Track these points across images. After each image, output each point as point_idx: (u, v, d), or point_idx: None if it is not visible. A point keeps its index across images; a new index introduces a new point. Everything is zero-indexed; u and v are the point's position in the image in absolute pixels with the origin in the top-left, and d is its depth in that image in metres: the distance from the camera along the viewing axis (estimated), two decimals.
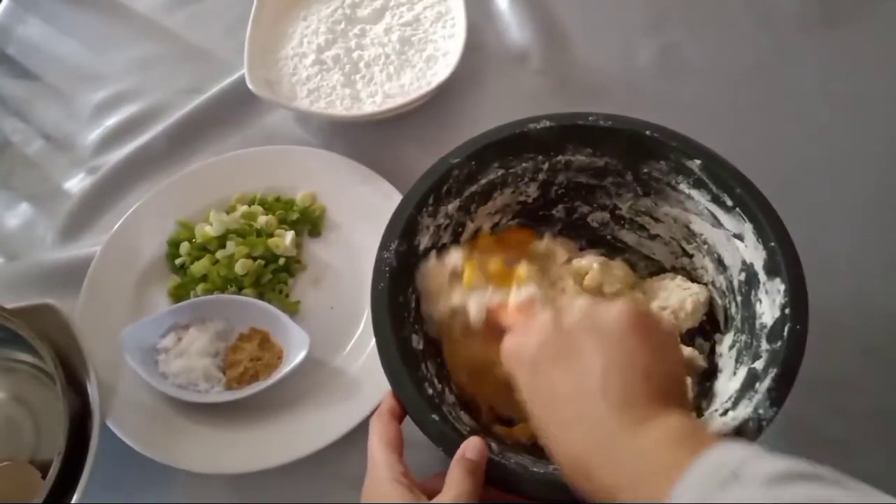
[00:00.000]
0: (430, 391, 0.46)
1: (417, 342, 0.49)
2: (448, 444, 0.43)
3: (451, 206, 0.53)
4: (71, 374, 0.55)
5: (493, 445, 0.44)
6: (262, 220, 0.65)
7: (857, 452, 0.54)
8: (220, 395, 0.58)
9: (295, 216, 0.66)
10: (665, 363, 0.38)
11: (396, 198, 0.64)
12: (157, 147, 0.75)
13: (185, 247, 0.65)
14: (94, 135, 0.78)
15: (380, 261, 0.49)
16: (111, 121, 0.78)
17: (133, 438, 0.56)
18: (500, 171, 0.54)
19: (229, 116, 0.76)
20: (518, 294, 0.49)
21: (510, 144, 0.53)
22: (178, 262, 0.65)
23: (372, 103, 0.70)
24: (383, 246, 0.50)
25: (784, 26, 0.77)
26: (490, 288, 0.51)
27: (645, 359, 0.37)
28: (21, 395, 0.60)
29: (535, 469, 0.43)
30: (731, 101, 0.73)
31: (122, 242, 0.66)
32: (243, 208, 0.66)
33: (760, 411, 0.42)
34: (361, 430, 0.44)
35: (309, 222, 0.67)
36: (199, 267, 0.64)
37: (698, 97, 0.73)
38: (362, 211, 0.66)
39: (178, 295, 0.64)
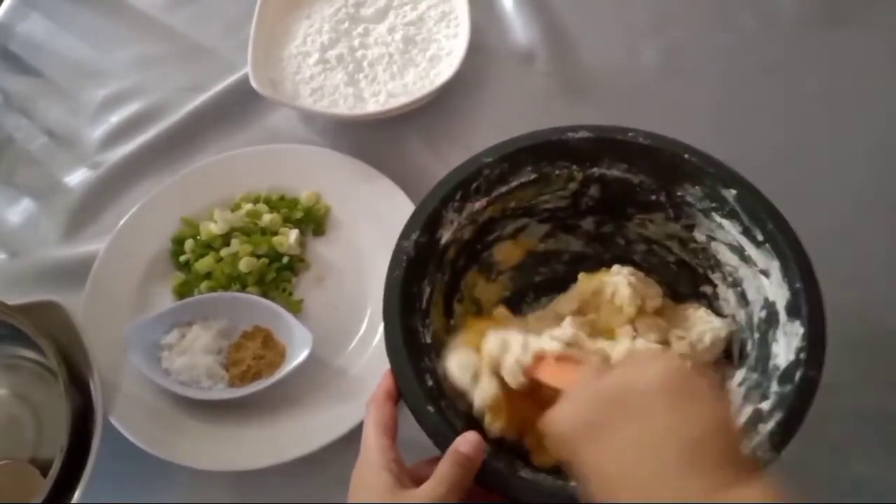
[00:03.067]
0: (431, 383, 0.46)
1: (425, 336, 0.49)
2: (440, 437, 0.43)
3: (479, 204, 0.53)
4: (74, 370, 0.55)
5: (486, 445, 0.44)
6: (267, 218, 0.65)
7: (857, 453, 0.55)
8: (222, 393, 0.58)
9: (299, 215, 0.66)
10: (716, 422, 0.35)
11: (400, 197, 0.65)
12: (160, 145, 0.75)
13: (189, 244, 0.65)
14: (98, 132, 0.78)
15: (399, 249, 0.49)
16: (114, 118, 0.78)
17: (135, 435, 0.56)
18: (533, 176, 0.53)
19: (232, 115, 0.76)
20: (552, 341, 0.45)
21: (546, 150, 0.53)
22: (182, 259, 0.65)
23: (375, 102, 0.70)
24: (404, 235, 0.50)
25: (786, 27, 0.77)
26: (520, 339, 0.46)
27: (697, 419, 0.34)
28: (23, 392, 0.60)
29: (522, 473, 0.43)
30: (735, 102, 0.73)
31: (125, 239, 0.66)
32: (248, 206, 0.66)
33: (759, 454, 0.41)
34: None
35: (313, 221, 0.67)
36: (203, 264, 0.64)
37: (702, 97, 0.73)
38: (366, 210, 0.66)
39: (182, 292, 0.64)
